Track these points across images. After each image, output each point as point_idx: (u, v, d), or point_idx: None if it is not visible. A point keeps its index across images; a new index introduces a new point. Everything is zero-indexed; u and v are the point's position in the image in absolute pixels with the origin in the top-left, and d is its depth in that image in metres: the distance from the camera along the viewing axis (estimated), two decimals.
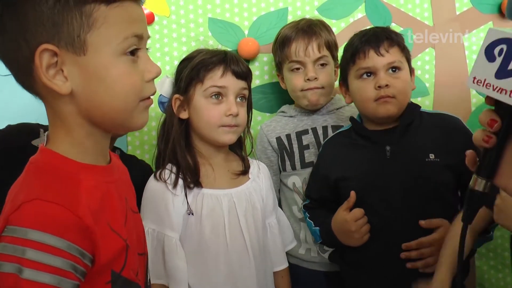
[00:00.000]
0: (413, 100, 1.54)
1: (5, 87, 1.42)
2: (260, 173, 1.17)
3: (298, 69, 1.34)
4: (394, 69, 1.15)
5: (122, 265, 0.65)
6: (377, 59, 1.14)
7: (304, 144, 1.37)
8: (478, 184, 0.56)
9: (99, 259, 0.61)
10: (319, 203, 1.27)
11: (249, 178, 1.14)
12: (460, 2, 1.53)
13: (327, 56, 1.35)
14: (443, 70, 1.54)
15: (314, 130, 1.37)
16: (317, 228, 1.23)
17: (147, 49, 0.68)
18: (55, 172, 0.62)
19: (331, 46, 1.36)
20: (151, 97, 0.69)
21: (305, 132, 1.38)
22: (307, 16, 1.43)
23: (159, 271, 1.02)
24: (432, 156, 1.12)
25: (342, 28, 1.52)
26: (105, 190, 0.66)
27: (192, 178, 1.05)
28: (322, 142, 1.33)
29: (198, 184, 1.05)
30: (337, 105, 1.40)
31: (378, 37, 1.16)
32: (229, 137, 1.08)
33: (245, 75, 1.09)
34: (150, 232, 1.03)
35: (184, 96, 1.08)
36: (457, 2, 1.53)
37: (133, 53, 0.64)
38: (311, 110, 1.40)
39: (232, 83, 1.07)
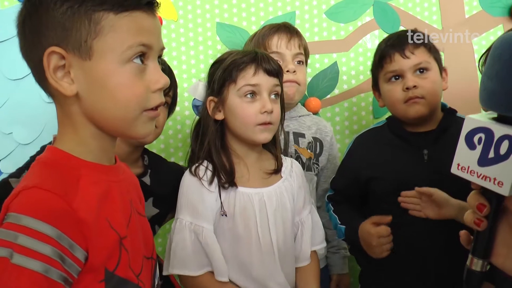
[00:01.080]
0: None
1: (15, 92, 1.44)
2: (292, 171, 1.17)
3: None
4: (421, 70, 1.15)
5: (116, 263, 0.65)
6: (403, 62, 1.15)
7: None
8: (474, 264, 0.56)
9: (94, 255, 0.61)
10: (344, 196, 1.28)
11: (281, 177, 1.14)
12: (469, 5, 1.52)
13: (304, 56, 1.37)
14: (452, 73, 1.53)
15: None
16: (343, 226, 1.23)
17: (160, 59, 0.69)
18: (57, 166, 0.64)
19: (307, 53, 1.39)
20: (158, 108, 0.68)
21: None
22: (315, 20, 1.42)
23: (202, 261, 1.04)
24: None
25: (350, 31, 1.52)
26: (107, 188, 0.67)
27: (227, 179, 1.07)
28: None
29: (233, 184, 1.07)
30: (299, 113, 1.41)
31: (402, 40, 1.16)
32: (265, 136, 1.09)
33: (277, 72, 1.11)
34: (187, 225, 1.05)
35: (218, 98, 1.10)
36: (466, 5, 1.52)
37: (141, 61, 0.65)
38: None
39: (264, 81, 1.08)
